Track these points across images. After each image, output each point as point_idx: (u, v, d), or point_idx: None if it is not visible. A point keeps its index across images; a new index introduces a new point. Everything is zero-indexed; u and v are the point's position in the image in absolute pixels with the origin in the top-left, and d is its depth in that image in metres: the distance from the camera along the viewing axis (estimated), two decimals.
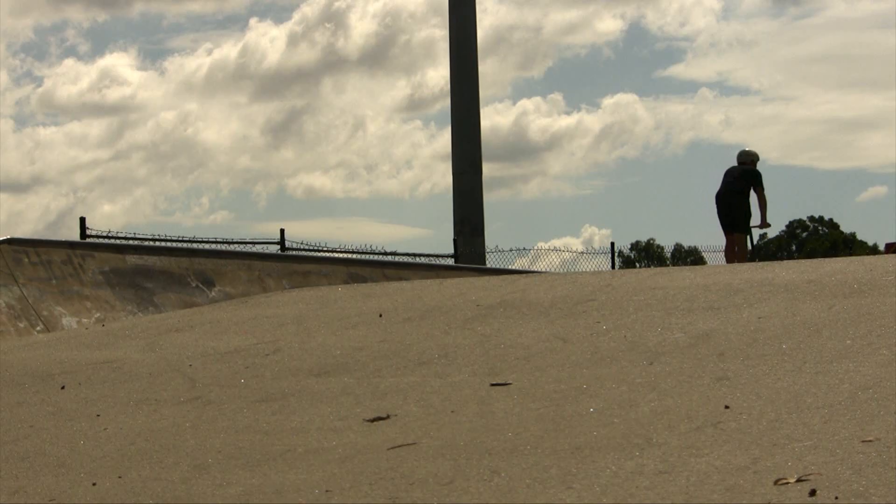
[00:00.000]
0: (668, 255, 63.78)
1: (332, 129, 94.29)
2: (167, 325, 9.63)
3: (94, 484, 4.80)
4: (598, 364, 6.73)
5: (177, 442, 5.46)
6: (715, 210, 16.58)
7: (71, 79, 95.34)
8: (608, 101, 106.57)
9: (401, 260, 17.38)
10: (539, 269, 22.00)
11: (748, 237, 16.31)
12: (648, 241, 64.14)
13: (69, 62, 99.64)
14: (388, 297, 10.43)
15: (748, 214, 16.20)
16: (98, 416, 6.18)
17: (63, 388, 7.07)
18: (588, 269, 23.34)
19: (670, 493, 4.03)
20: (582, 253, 25.42)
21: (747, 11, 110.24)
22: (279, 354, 7.72)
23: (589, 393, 5.93)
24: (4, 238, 11.21)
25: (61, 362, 8.09)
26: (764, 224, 16.16)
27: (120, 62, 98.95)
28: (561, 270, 22.46)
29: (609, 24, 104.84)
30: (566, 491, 4.14)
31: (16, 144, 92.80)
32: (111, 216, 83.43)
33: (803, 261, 11.42)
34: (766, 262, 11.69)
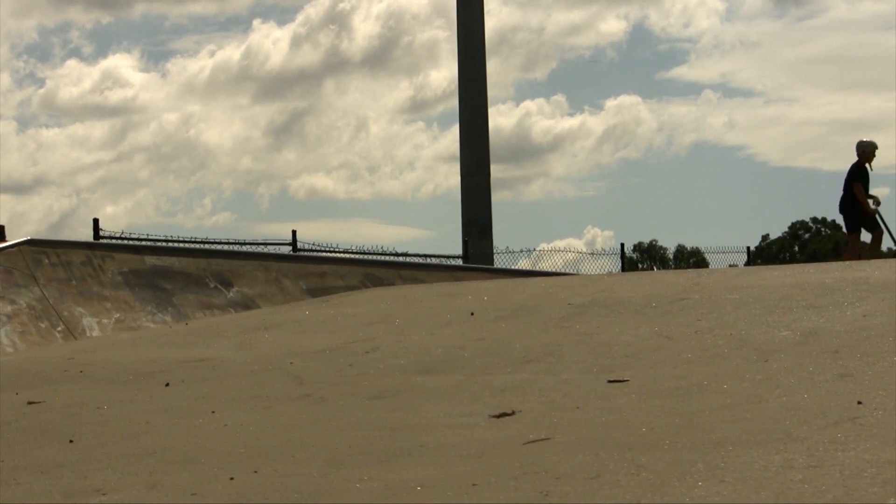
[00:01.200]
0: (671, 256, 64.17)
1: (334, 131, 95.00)
2: (251, 324, 9.75)
3: (231, 478, 4.90)
4: (710, 361, 6.80)
5: (302, 438, 5.56)
6: (718, 211, 17.22)
7: (73, 80, 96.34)
8: (611, 103, 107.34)
9: (415, 261, 17.49)
10: (545, 270, 22.11)
11: (877, 232, 16.27)
12: (651, 242, 64.60)
13: (72, 64, 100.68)
14: (471, 296, 10.52)
15: (857, 212, 16.14)
16: (213, 412, 6.28)
17: (167, 385, 7.19)
18: (592, 271, 23.63)
19: (827, 486, 4.09)
20: (592, 254, 25.65)
21: (749, 13, 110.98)
22: (378, 352, 7.82)
23: (710, 389, 5.99)
24: (25, 239, 11.38)
25: (154, 361, 8.21)
26: (870, 217, 16.10)
27: (123, 64, 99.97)
28: (565, 271, 22.58)
29: (612, 26, 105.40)
30: (719, 484, 4.21)
31: (18, 146, 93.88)
32: (114, 217, 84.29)
33: (891, 260, 11.44)
34: (854, 262, 11.71)
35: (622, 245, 27.31)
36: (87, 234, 12.21)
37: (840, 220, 16.57)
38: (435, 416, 5.84)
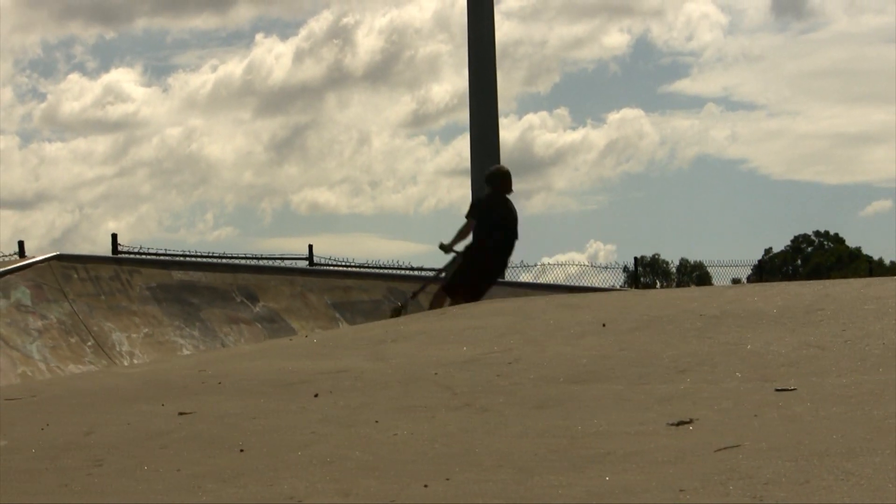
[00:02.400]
0: (674, 269, 64.52)
1: (336, 145, 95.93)
2: (374, 336, 9.87)
3: (425, 486, 4.99)
4: (872, 370, 6.84)
5: (481, 446, 5.67)
6: (720, 224, 16.22)
7: (76, 95, 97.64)
8: (614, 117, 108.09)
9: (440, 276, 17.61)
10: (547, 283, 22.19)
11: None
12: (654, 255, 65.16)
13: (75, 78, 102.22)
14: (592, 308, 10.59)
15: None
16: (377, 422, 6.39)
17: (316, 395, 7.31)
18: (598, 286, 23.79)
19: None
20: (606, 268, 25.87)
21: (751, 26, 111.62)
22: (521, 363, 7.91)
23: (886, 397, 6.03)
24: (54, 254, 11.57)
25: (291, 372, 8.35)
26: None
27: (125, 78, 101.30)
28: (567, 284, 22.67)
29: (615, 39, 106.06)
30: None
31: (21, 161, 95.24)
32: (116, 233, 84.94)
33: None
34: None
35: (635, 259, 27.53)
36: (89, 250, 12.41)
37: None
38: (610, 425, 5.92)
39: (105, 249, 12.76)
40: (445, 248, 13.35)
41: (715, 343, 8.16)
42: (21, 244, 16.15)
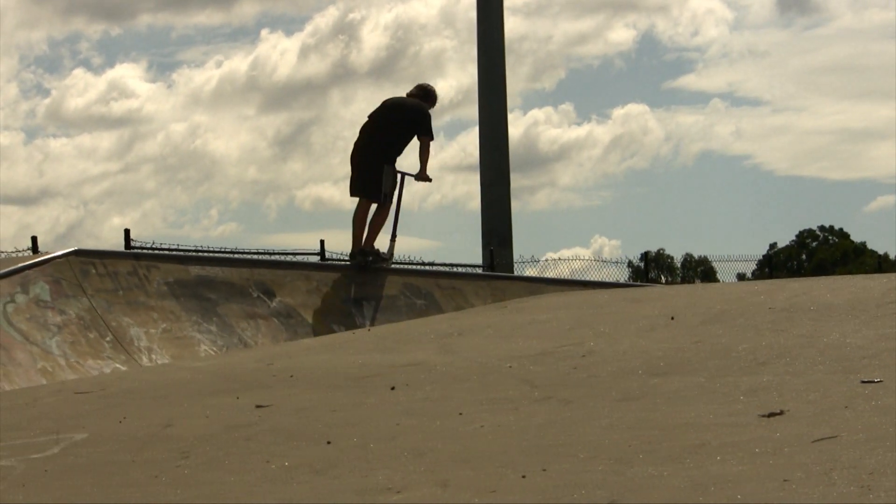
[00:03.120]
0: (679, 265, 64.89)
1: (340, 141, 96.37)
2: (439, 330, 9.95)
3: (523, 476, 5.06)
4: None
5: (571, 438, 5.75)
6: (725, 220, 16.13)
7: (80, 91, 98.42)
8: (619, 112, 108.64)
9: (454, 270, 17.86)
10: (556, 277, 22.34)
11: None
12: (658, 251, 65.94)
13: (80, 75, 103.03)
14: (657, 302, 10.65)
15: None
16: (461, 414, 6.46)
17: (393, 388, 7.38)
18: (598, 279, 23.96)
19: None
20: (613, 262, 26.06)
21: (756, 22, 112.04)
22: (595, 356, 7.97)
23: None
24: (72, 249, 11.70)
25: (361, 365, 8.42)
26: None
27: (130, 74, 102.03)
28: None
29: (620, 35, 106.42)
30: None
31: (25, 157, 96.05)
32: (121, 229, 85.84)
33: None
34: None
35: (645, 254, 27.62)
36: (94, 246, 12.42)
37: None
38: (699, 417, 5.97)
39: (110, 245, 12.96)
40: (425, 177, 13.80)
41: (790, 336, 8.19)
42: (34, 240, 16.29)
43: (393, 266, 14.00)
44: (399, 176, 13.85)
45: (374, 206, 13.66)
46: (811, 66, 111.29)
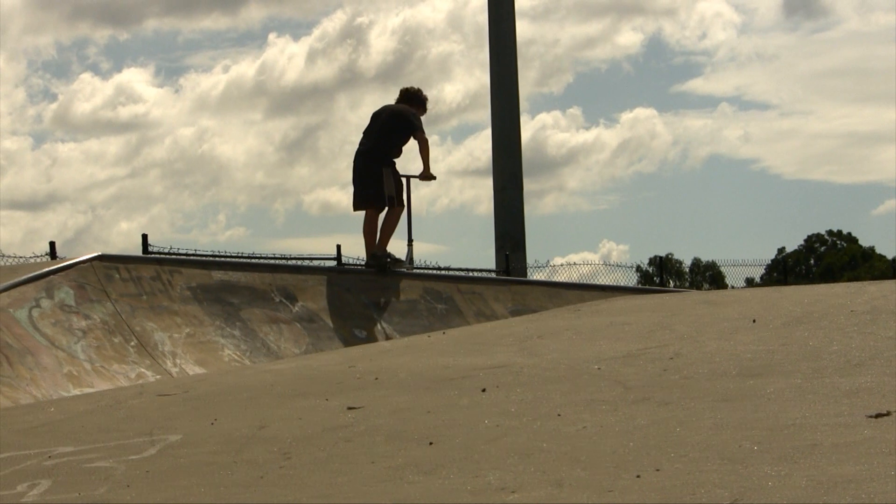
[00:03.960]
0: (687, 269, 65.41)
1: (347, 145, 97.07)
2: (517, 333, 10.02)
3: (637, 476, 5.13)
4: None
5: (678, 438, 5.83)
6: (733, 224, 16.30)
7: (88, 96, 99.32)
8: (626, 116, 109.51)
9: (474, 275, 18.09)
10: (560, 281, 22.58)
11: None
12: (667, 255, 66.60)
13: (87, 79, 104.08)
14: (733, 304, 10.70)
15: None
16: (559, 415, 6.52)
17: (484, 390, 7.45)
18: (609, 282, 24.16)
19: None
20: (625, 268, 26.37)
21: (763, 25, 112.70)
22: (684, 358, 8.03)
23: None
24: (95, 255, 11.85)
25: (446, 367, 8.51)
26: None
27: (138, 79, 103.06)
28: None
29: (627, 38, 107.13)
30: None
31: (33, 162, 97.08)
32: (128, 233, 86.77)
33: None
34: None
35: (660, 258, 27.78)
36: (101, 252, 12.56)
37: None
38: (805, 417, 6.03)
39: (118, 250, 13.07)
40: (429, 175, 14.13)
41: (880, 338, 8.22)
42: (52, 245, 16.45)
43: (413, 271, 14.16)
44: (404, 179, 14.04)
45: (383, 214, 13.89)
46: (818, 69, 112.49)
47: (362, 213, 13.97)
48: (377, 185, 13.81)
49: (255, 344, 11.65)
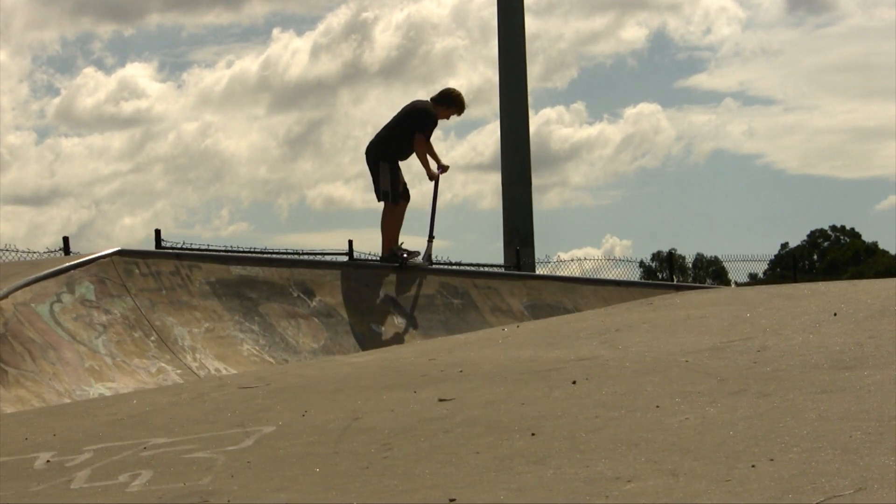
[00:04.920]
0: (690, 265, 65.77)
1: (350, 140, 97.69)
2: (593, 326, 10.08)
3: (752, 466, 5.19)
4: None
5: (783, 429, 5.92)
6: (736, 220, 16.49)
7: (91, 91, 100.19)
8: (630, 112, 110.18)
9: (490, 270, 18.27)
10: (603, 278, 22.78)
11: None
12: (670, 250, 67.18)
13: (91, 75, 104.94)
14: (810, 298, 10.72)
15: None
16: (657, 406, 6.59)
17: (574, 382, 7.52)
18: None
19: None
20: (628, 262, 26.57)
21: (767, 21, 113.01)
22: (771, 351, 8.09)
23: None
24: (115, 250, 11.99)
25: (531, 360, 8.59)
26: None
27: (141, 74, 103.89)
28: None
29: (632, 33, 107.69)
30: None
31: (37, 157, 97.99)
32: (132, 228, 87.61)
33: None
34: None
35: (669, 253, 27.91)
36: (105, 247, 12.73)
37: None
38: None
39: (121, 246, 13.12)
40: (430, 174, 14.28)
41: None
42: (66, 240, 16.60)
43: (430, 267, 14.30)
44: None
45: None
46: (823, 64, 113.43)
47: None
48: (375, 180, 14.01)
49: (273, 339, 11.81)
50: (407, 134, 14.07)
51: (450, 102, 14.36)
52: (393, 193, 14.05)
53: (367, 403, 7.66)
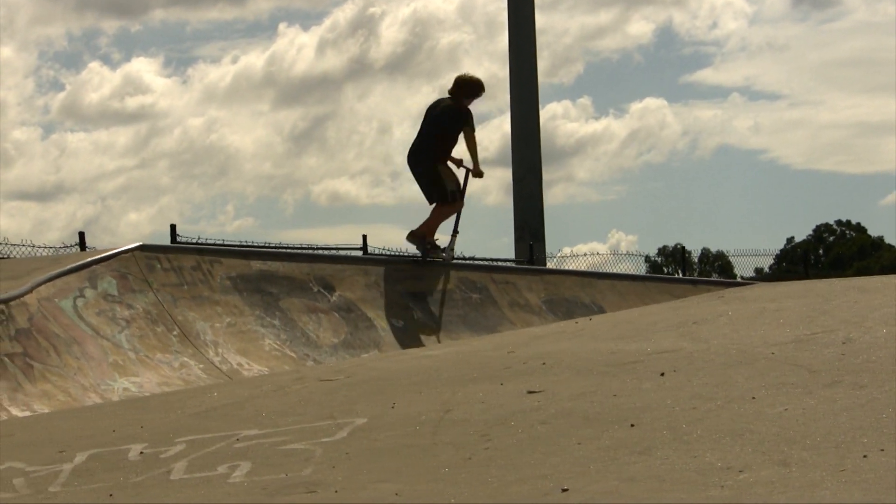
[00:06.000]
0: (696, 260, 66.57)
1: (355, 135, 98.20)
2: (670, 319, 10.17)
3: (864, 456, 5.26)
4: None
5: (888, 420, 5.99)
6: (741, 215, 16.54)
7: (96, 86, 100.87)
8: (636, 107, 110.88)
9: (504, 265, 18.37)
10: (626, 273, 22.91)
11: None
12: (676, 245, 67.27)
13: (97, 70, 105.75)
14: (881, 291, 10.86)
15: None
16: (753, 398, 6.66)
17: (662, 374, 7.58)
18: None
19: None
20: (648, 256, 26.91)
21: (772, 16, 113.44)
22: (857, 343, 8.20)
23: None
24: (137, 245, 12.12)
25: (612, 353, 8.68)
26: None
27: (146, 69, 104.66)
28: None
29: (638, 28, 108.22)
30: None
31: (42, 152, 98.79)
32: (137, 224, 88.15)
33: None
34: None
35: (683, 248, 27.99)
36: (111, 242, 12.99)
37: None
38: None
39: (127, 242, 13.33)
40: (478, 172, 14.37)
41: None
42: (82, 235, 16.74)
43: (452, 261, 14.44)
44: (462, 170, 14.37)
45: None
46: (828, 60, 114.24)
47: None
48: (437, 184, 14.19)
49: (294, 333, 11.93)
50: (450, 135, 14.23)
51: (474, 92, 14.47)
52: (458, 192, 14.22)
53: (455, 396, 7.75)
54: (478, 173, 14.37)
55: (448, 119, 14.15)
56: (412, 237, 14.20)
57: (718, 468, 5.41)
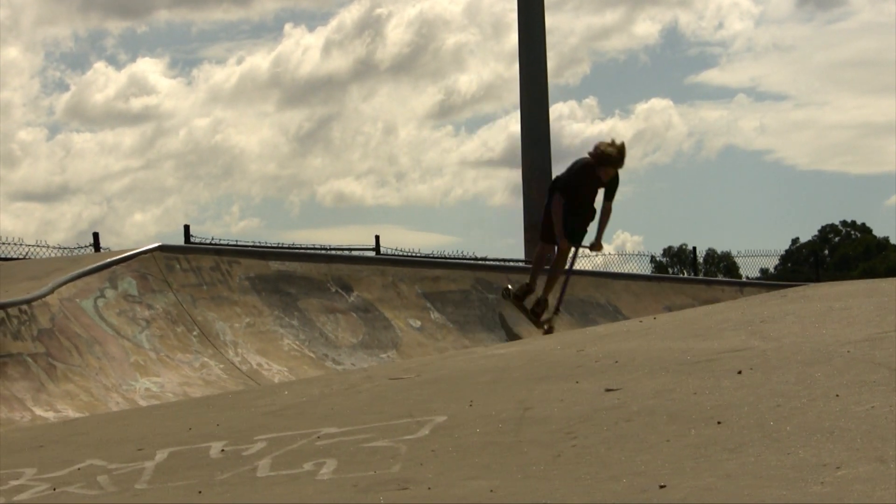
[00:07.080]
0: (701, 260, 67.00)
1: (360, 136, 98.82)
2: (732, 318, 10.22)
3: None
4: None
5: None
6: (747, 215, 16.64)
7: (101, 87, 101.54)
8: (642, 107, 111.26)
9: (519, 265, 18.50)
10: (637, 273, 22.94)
11: None
12: (681, 245, 67.42)
13: (103, 71, 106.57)
14: None
15: None
16: (837, 395, 6.72)
17: (739, 372, 7.65)
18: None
19: None
20: (653, 256, 27.13)
21: (778, 16, 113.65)
22: None
23: None
24: (156, 245, 12.25)
25: (684, 351, 8.73)
26: None
27: (152, 70, 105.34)
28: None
29: (643, 29, 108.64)
30: None
31: (48, 153, 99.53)
32: (142, 225, 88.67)
33: None
34: None
35: (694, 249, 28.24)
36: (116, 243, 13.17)
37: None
38: None
39: (133, 242, 13.57)
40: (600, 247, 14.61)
41: None
42: (96, 235, 16.90)
43: (464, 261, 14.62)
44: (574, 249, 14.37)
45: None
46: (834, 60, 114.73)
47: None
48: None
49: (313, 334, 12.07)
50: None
51: (603, 159, 14.28)
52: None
53: (532, 394, 7.83)
54: None
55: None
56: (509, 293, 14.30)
57: (813, 465, 5.49)
